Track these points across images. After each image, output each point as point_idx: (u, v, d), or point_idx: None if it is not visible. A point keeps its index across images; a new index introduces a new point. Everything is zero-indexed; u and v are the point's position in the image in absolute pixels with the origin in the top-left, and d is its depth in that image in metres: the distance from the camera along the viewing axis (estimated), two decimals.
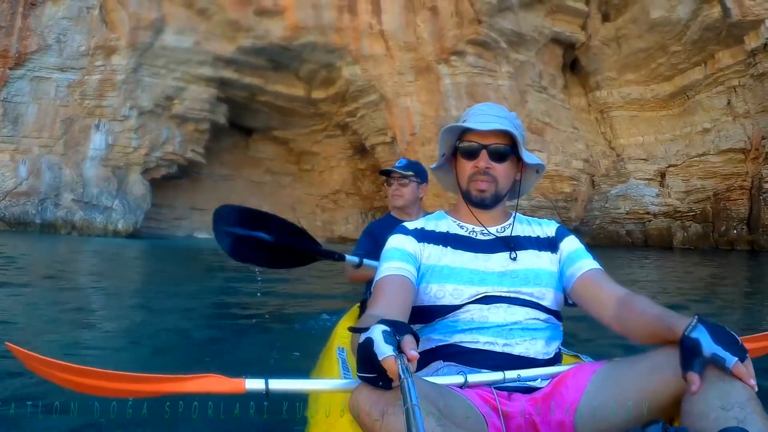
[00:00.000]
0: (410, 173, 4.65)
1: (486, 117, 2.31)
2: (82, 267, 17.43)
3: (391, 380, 1.53)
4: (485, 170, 2.27)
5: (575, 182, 34.97)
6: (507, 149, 2.28)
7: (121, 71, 37.21)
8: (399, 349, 1.54)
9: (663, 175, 35.68)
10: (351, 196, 45.50)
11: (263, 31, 36.28)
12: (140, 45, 36.85)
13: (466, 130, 2.30)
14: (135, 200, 39.22)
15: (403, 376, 1.46)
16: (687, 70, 35.21)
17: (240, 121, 44.29)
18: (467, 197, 2.34)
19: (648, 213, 34.12)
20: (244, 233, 3.99)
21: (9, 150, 37.26)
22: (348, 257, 4.25)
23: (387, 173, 4.73)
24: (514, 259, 2.27)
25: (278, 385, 1.72)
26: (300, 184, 47.81)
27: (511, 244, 2.31)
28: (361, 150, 42.42)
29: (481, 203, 2.33)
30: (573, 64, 39.21)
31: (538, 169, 2.44)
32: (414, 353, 1.53)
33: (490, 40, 34.03)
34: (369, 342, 1.57)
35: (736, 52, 32.40)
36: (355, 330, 1.74)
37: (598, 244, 33.64)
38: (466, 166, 2.31)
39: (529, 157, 2.32)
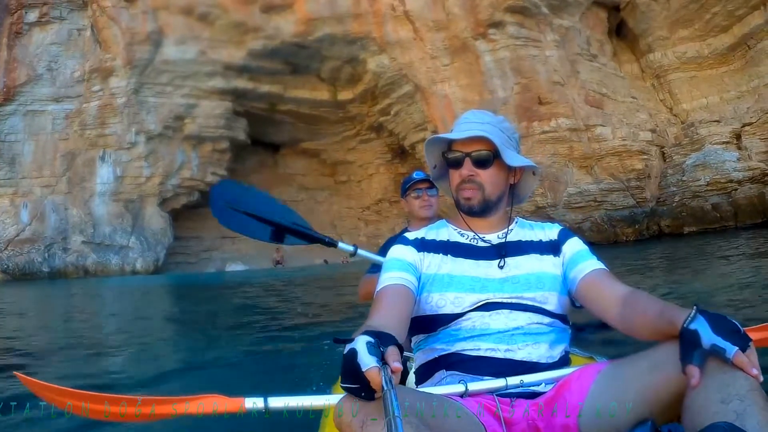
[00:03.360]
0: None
1: (468, 125, 2.21)
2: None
3: (373, 391, 1.46)
4: (469, 178, 2.18)
5: (646, 156, 29.00)
6: (489, 155, 2.16)
7: (121, 94, 31.75)
8: (383, 361, 1.48)
9: (738, 136, 29.60)
10: (395, 204, 38.52)
11: (273, 29, 30.67)
12: (138, 62, 31.39)
13: (453, 140, 2.21)
14: (154, 235, 33.44)
15: (386, 388, 1.41)
16: (745, 16, 29.43)
17: (263, 136, 38.59)
18: (458, 206, 2.25)
19: (732, 181, 27.95)
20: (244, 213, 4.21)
21: (8, 194, 32.11)
22: (341, 244, 4.18)
23: (413, 184, 4.36)
24: (502, 267, 2.15)
25: (277, 402, 1.72)
26: (338, 198, 41.81)
27: (502, 252, 2.19)
28: (401, 152, 36.30)
29: (469, 211, 2.22)
30: (618, 29, 33.39)
31: (534, 171, 2.32)
32: (397, 365, 1.47)
33: (530, 5, 28.40)
34: (353, 353, 1.50)
35: None
36: (340, 341, 1.64)
37: (682, 225, 27.93)
38: (454, 176, 2.23)
39: (513, 159, 2.16)
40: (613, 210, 27.90)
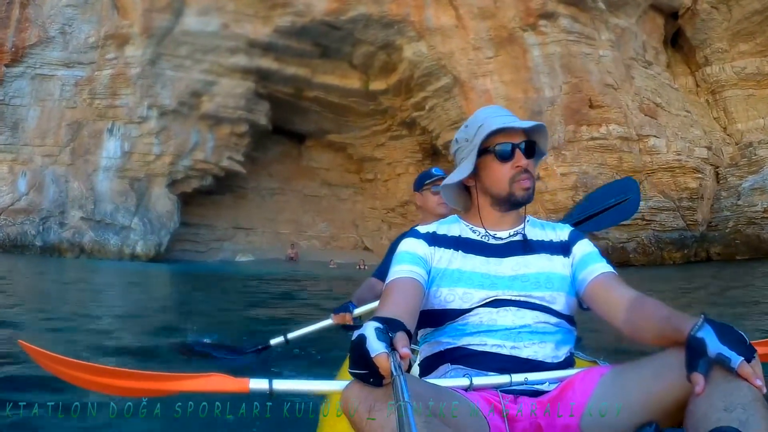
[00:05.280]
0: None
1: (505, 117, 2.10)
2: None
3: (382, 377, 1.43)
4: (525, 168, 2.07)
5: (700, 175, 24.49)
6: (535, 145, 2.10)
7: (136, 64, 27.51)
8: (391, 347, 1.45)
9: None
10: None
11: (303, 5, 26.37)
12: (157, 31, 27.16)
13: (490, 133, 2.05)
14: (159, 218, 29.13)
15: (395, 374, 1.38)
16: None
17: (288, 124, 33.94)
18: (509, 199, 2.09)
19: None
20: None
21: (7, 161, 27.91)
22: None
23: (434, 180, 4.32)
24: (513, 265, 2.05)
25: (282, 385, 1.64)
26: (362, 197, 36.89)
27: (514, 250, 2.09)
28: (432, 152, 31.63)
29: (527, 201, 2.10)
30: (674, 39, 29.42)
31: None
32: (406, 351, 1.45)
33: None
34: (362, 339, 1.47)
35: None
36: (348, 328, 1.94)
37: (734, 254, 23.81)
38: (503, 169, 2.07)
39: (545, 150, 2.17)
40: (662, 231, 23.54)
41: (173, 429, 3.02)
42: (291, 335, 4.23)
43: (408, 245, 2.12)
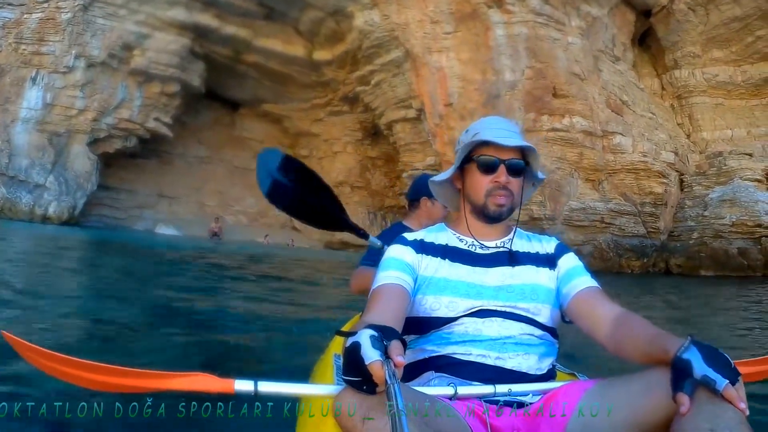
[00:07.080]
0: None
1: (503, 132, 1.91)
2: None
3: (375, 385, 1.33)
4: (504, 185, 1.90)
5: (666, 181, 20.88)
6: (523, 165, 1.92)
7: (68, 9, 23.46)
8: (386, 355, 1.34)
9: None
10: (357, 190, 29.94)
11: None
12: None
13: (481, 143, 1.89)
14: (76, 178, 25.13)
15: (389, 382, 1.28)
16: None
17: (223, 90, 29.88)
18: (483, 211, 1.94)
19: (760, 226, 20.15)
20: (289, 183, 3.17)
21: None
22: (372, 239, 3.45)
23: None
24: (499, 275, 1.89)
25: (267, 387, 1.49)
26: None
27: (500, 260, 1.92)
28: (374, 133, 27.90)
29: (498, 217, 1.94)
30: (642, 39, 25.72)
31: (534, 182, 2.05)
32: (401, 359, 1.34)
33: None
34: (356, 346, 1.37)
35: None
36: (342, 334, 1.52)
37: (698, 267, 20.10)
38: (482, 181, 1.92)
39: (541, 174, 2.02)
40: (621, 236, 19.90)
41: (156, 426, 2.74)
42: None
43: (395, 252, 1.97)
